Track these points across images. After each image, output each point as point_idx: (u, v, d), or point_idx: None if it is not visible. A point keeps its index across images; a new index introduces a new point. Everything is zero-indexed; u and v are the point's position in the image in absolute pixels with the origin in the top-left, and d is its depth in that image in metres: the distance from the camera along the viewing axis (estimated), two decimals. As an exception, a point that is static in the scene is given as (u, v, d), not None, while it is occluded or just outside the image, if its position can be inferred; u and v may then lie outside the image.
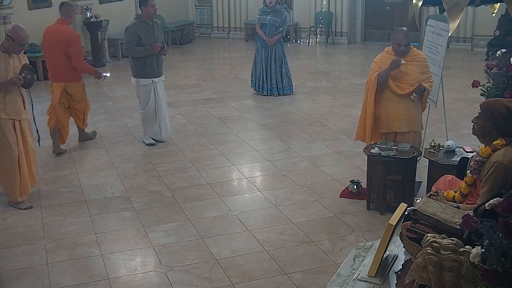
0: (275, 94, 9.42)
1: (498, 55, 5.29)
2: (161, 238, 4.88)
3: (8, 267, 4.46)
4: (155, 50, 6.81)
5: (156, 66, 6.97)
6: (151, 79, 6.96)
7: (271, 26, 9.22)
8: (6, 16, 10.35)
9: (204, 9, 16.22)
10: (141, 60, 6.87)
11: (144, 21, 6.87)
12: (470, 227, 2.65)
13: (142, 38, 6.78)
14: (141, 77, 6.94)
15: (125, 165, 6.56)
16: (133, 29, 6.82)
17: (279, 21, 9.20)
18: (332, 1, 14.47)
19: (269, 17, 9.22)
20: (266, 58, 9.35)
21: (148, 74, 6.93)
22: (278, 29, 9.24)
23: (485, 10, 6.89)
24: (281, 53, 9.40)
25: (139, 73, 6.94)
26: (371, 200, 5.34)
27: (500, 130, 3.38)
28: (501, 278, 2.23)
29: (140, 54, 6.84)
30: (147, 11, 6.84)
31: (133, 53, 6.87)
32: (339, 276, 3.37)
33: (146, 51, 6.81)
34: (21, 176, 5.47)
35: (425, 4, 3.66)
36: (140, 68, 6.92)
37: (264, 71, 9.40)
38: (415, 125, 5.50)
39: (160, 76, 7.06)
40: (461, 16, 2.91)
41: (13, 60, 5.32)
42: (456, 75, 10.84)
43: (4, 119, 5.30)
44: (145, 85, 6.96)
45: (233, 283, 4.21)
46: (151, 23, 6.91)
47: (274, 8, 9.25)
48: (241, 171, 6.34)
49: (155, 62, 6.94)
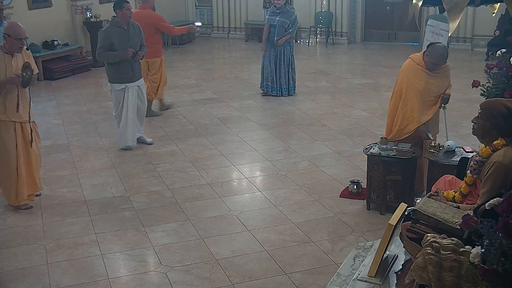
0: (285, 94, 9.39)
1: (498, 55, 5.29)
2: (161, 238, 4.88)
3: (8, 267, 4.46)
4: (127, 55, 6.62)
5: (131, 71, 6.78)
6: (124, 84, 6.79)
7: (279, 27, 9.12)
8: (6, 16, 10.33)
9: (204, 9, 16.22)
10: (114, 65, 6.72)
11: (119, 25, 6.72)
12: (470, 227, 2.65)
13: (115, 43, 6.62)
14: (115, 82, 6.80)
15: (125, 165, 6.56)
16: (105, 34, 6.68)
17: (287, 22, 9.12)
18: (332, 1, 14.47)
19: (278, 18, 9.12)
20: (275, 58, 9.28)
21: (122, 79, 6.76)
22: (287, 30, 9.15)
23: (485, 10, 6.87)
24: (290, 54, 9.35)
25: (112, 78, 6.81)
26: (371, 200, 5.34)
27: (500, 130, 3.38)
28: (501, 278, 2.23)
29: (111, 59, 6.68)
30: (122, 15, 6.68)
31: (105, 58, 6.73)
32: (339, 276, 3.37)
33: (118, 56, 6.64)
34: (18, 180, 5.35)
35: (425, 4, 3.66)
36: (113, 73, 6.78)
37: (274, 71, 9.34)
38: (438, 129, 5.56)
39: (135, 81, 6.87)
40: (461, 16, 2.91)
41: (16, 62, 5.23)
42: (456, 75, 10.80)
43: (4, 121, 5.24)
44: (118, 90, 6.83)
45: (233, 283, 4.21)
46: (126, 27, 6.73)
47: (283, 9, 9.15)
48: (241, 171, 6.34)
49: (129, 67, 6.75)
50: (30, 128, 5.45)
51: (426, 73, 5.25)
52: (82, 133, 7.79)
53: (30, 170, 5.50)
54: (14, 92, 5.25)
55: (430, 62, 5.19)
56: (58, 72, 11.05)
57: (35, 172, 5.56)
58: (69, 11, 12.06)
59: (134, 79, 6.86)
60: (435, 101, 5.33)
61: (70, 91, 10.17)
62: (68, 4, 12.01)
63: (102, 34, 6.74)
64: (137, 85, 6.94)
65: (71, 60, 11.55)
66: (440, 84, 5.31)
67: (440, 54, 5.17)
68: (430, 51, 5.20)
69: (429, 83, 5.24)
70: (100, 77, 11.27)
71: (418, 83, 5.23)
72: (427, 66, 5.22)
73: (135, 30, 6.85)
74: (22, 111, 5.33)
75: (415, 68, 5.29)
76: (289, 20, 9.13)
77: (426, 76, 5.25)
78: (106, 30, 6.77)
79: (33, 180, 5.55)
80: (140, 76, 7.00)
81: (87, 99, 9.55)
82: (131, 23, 6.81)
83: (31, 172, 5.51)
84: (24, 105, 5.35)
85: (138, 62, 6.92)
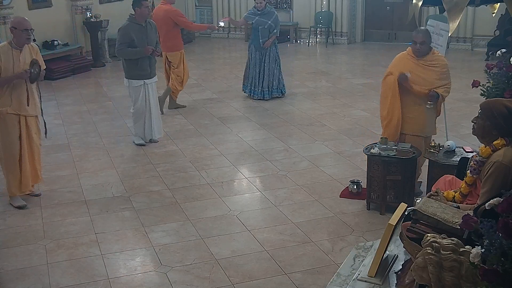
0: (266, 97, 9.16)
1: (498, 55, 5.28)
2: (161, 238, 4.88)
3: (8, 267, 4.46)
4: (147, 52, 6.78)
5: (149, 68, 6.95)
6: (142, 81, 6.93)
7: (262, 29, 8.98)
8: (6, 16, 10.35)
9: (204, 9, 16.22)
10: (133, 61, 6.85)
11: (137, 22, 6.83)
12: (470, 227, 2.65)
13: (135, 40, 6.75)
14: (133, 78, 6.92)
15: (125, 165, 6.57)
16: (125, 31, 6.79)
17: (269, 22, 8.97)
18: (332, 1, 14.47)
19: (257, 17, 9.00)
20: (260, 61, 9.15)
21: (140, 76, 6.91)
22: (272, 31, 9.03)
23: (485, 10, 6.89)
24: (275, 55, 9.20)
25: (131, 74, 6.92)
26: (371, 200, 5.34)
27: (500, 130, 3.38)
28: (501, 278, 2.23)
29: (132, 56, 6.81)
30: (141, 12, 6.80)
31: (125, 54, 6.84)
32: (339, 276, 3.37)
33: (138, 53, 6.77)
34: (22, 171, 5.49)
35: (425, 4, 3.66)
36: (132, 69, 6.89)
37: (257, 74, 9.19)
38: (426, 130, 5.39)
39: (152, 77, 7.04)
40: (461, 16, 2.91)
41: (24, 57, 5.31)
42: (456, 75, 10.82)
43: (10, 113, 5.33)
44: (137, 87, 6.95)
45: (233, 283, 4.21)
46: (144, 24, 6.86)
47: (264, 10, 9.02)
48: (241, 171, 6.34)
49: (147, 64, 6.91)
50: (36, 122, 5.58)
51: (414, 63, 5.26)
52: (82, 133, 7.78)
53: (32, 162, 5.61)
54: (23, 87, 5.38)
55: (412, 44, 5.25)
56: (58, 72, 11.04)
57: (37, 164, 5.67)
58: (69, 11, 12.06)
59: (152, 75, 7.05)
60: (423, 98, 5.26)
61: (70, 91, 10.17)
62: (68, 4, 12.01)
63: (121, 31, 6.83)
64: (154, 81, 7.13)
65: (71, 60, 11.55)
66: (430, 76, 5.21)
67: (418, 32, 5.18)
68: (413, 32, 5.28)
69: (415, 74, 5.22)
70: (100, 77, 11.28)
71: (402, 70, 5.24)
72: (412, 48, 5.27)
73: (152, 28, 7.00)
74: (31, 107, 5.46)
75: (405, 56, 5.36)
76: (270, 20, 8.97)
77: (414, 66, 5.25)
78: (125, 27, 6.85)
79: (35, 171, 5.66)
80: (155, 73, 7.15)
81: (87, 99, 9.55)
82: (148, 21, 6.95)
83: (33, 163, 5.61)
84: (33, 101, 5.48)
85: (155, 59, 7.06)
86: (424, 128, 5.38)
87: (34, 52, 5.47)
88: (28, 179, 5.55)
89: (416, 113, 5.33)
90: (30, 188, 5.64)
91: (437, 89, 5.21)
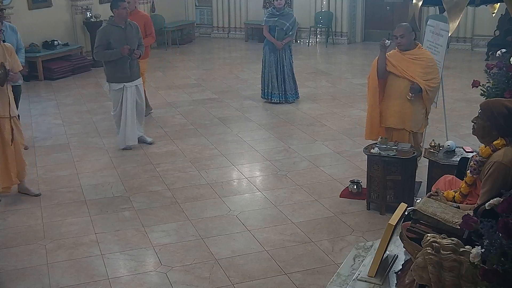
0: (290, 100, 8.98)
1: (498, 55, 5.27)
2: (161, 238, 4.88)
3: (8, 267, 4.46)
4: (124, 52, 6.61)
5: (129, 70, 6.78)
6: (122, 84, 6.79)
7: (279, 30, 8.82)
8: (6, 16, 10.32)
9: (204, 9, 16.22)
10: (112, 64, 6.73)
11: (115, 24, 6.72)
12: (470, 227, 2.65)
13: (112, 42, 6.63)
14: (112, 81, 6.82)
15: (125, 165, 6.56)
16: (102, 33, 6.70)
17: (287, 24, 8.81)
18: (332, 1, 14.47)
19: (277, 19, 8.83)
20: (275, 63, 8.92)
21: (120, 78, 6.77)
22: (288, 32, 8.85)
23: (485, 10, 6.90)
24: (290, 58, 9.03)
25: (110, 77, 6.83)
26: (371, 200, 5.34)
27: (500, 130, 3.38)
28: (501, 278, 2.23)
29: (109, 57, 6.69)
30: (118, 13, 6.67)
31: (102, 57, 6.73)
32: (339, 276, 3.37)
33: (115, 54, 6.64)
34: None
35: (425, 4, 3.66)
36: (111, 72, 6.79)
37: (275, 77, 8.91)
38: (411, 124, 5.36)
39: (133, 80, 6.86)
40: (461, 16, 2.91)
41: None
42: (456, 75, 10.84)
43: None
44: (117, 90, 6.84)
45: (233, 283, 4.21)
46: (123, 26, 6.73)
47: (283, 11, 8.88)
48: (241, 171, 6.35)
49: (127, 66, 6.75)
50: (11, 125, 5.45)
51: (400, 57, 5.37)
52: (82, 133, 7.78)
53: (6, 164, 5.49)
54: None
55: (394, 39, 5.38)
56: (58, 72, 11.05)
57: (11, 166, 5.53)
58: (69, 11, 12.06)
59: (132, 78, 6.85)
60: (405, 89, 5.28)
61: (70, 91, 10.17)
62: (68, 4, 12.01)
63: (99, 33, 6.76)
64: (135, 85, 6.92)
65: (71, 60, 11.55)
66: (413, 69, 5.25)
67: (398, 26, 5.35)
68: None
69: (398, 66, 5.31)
70: (100, 77, 11.27)
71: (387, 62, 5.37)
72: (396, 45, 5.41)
73: (133, 29, 6.83)
74: (1, 108, 5.35)
75: (393, 52, 5.46)
76: (288, 22, 8.83)
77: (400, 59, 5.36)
78: (103, 29, 6.79)
79: (8, 173, 5.53)
80: (138, 76, 6.98)
81: (87, 99, 9.55)
82: (128, 22, 6.81)
83: (6, 165, 5.50)
84: (3, 102, 5.36)
85: (136, 61, 6.90)
86: (408, 122, 5.37)
87: (8, 52, 5.37)
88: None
89: (399, 107, 5.35)
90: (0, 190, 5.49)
91: (419, 82, 5.23)
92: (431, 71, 5.30)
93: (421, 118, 5.44)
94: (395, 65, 5.32)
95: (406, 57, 5.32)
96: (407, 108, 5.33)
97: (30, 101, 9.43)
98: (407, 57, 5.32)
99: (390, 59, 5.37)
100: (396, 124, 5.40)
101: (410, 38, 5.30)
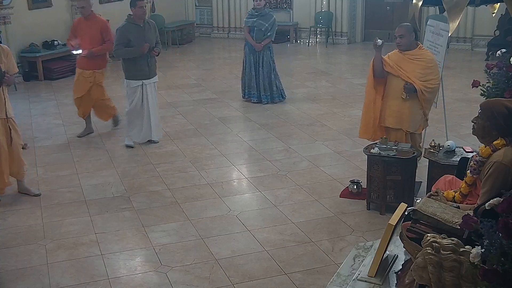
0: (264, 102, 8.95)
1: (498, 55, 5.27)
2: (161, 238, 4.88)
3: (8, 267, 4.46)
4: (143, 50, 6.76)
5: (147, 67, 6.92)
6: (141, 81, 6.92)
7: (258, 31, 8.81)
8: (6, 16, 10.35)
9: (204, 9, 16.22)
10: (131, 61, 6.85)
11: (134, 22, 6.81)
12: (470, 227, 2.65)
13: (132, 40, 6.74)
14: (131, 78, 6.92)
15: (125, 165, 6.57)
16: (122, 31, 6.79)
17: (265, 25, 8.77)
18: (332, 1, 14.47)
19: (255, 19, 8.82)
20: (254, 64, 8.95)
21: (138, 76, 6.90)
22: (266, 33, 8.82)
23: (485, 10, 6.89)
24: (270, 59, 8.95)
25: (129, 74, 6.92)
26: (371, 200, 5.34)
27: (500, 130, 3.38)
28: (501, 278, 2.23)
29: (128, 55, 6.81)
30: (135, 12, 6.77)
31: (122, 54, 6.85)
32: (339, 276, 3.37)
33: (134, 52, 6.76)
34: None
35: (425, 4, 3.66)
36: (130, 69, 6.89)
37: (254, 77, 8.96)
38: (408, 125, 5.35)
39: (151, 77, 7.02)
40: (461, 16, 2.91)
41: None
42: (456, 75, 10.84)
43: None
44: (134, 87, 6.93)
45: (233, 283, 4.21)
46: (142, 24, 6.84)
47: (262, 12, 8.84)
48: (241, 171, 6.34)
49: (145, 64, 6.89)
50: (9, 126, 5.45)
51: (400, 57, 5.37)
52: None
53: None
54: None
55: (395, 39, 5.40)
56: (58, 72, 11.05)
57: (3, 167, 5.48)
58: (69, 11, 12.06)
59: (151, 76, 7.03)
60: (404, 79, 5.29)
61: (70, 91, 10.03)
62: (68, 4, 12.01)
63: (118, 31, 6.85)
64: (154, 82, 7.10)
65: (71, 60, 11.47)
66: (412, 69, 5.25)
67: (398, 26, 5.36)
68: None
69: (398, 66, 5.30)
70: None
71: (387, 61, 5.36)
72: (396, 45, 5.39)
73: (151, 27, 6.97)
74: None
75: (394, 52, 5.46)
76: (267, 23, 8.78)
77: (400, 59, 5.35)
78: (122, 28, 6.85)
79: (1, 175, 5.48)
80: (155, 73, 7.13)
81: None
82: (146, 21, 6.93)
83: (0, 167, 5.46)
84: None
85: (154, 59, 7.04)
86: (405, 122, 5.36)
87: (4, 54, 5.36)
88: None
89: (397, 107, 5.35)
90: None
91: (415, 82, 5.21)
92: (430, 72, 5.28)
93: (419, 119, 5.42)
94: (392, 65, 5.32)
95: (406, 57, 5.32)
96: (405, 108, 5.33)
97: (30, 101, 9.44)
98: (407, 57, 5.31)
99: (388, 59, 5.38)
100: (394, 124, 5.41)
101: (410, 39, 5.29)
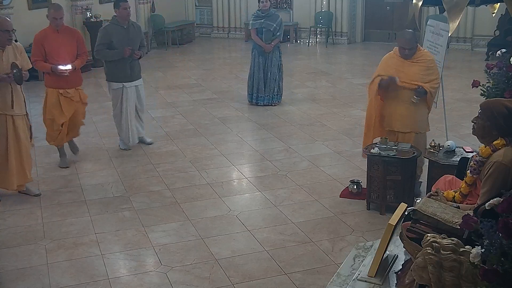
0: (273, 103, 8.90)
1: (498, 55, 5.27)
2: (161, 238, 4.88)
3: (8, 267, 4.46)
4: (125, 53, 6.61)
5: (129, 70, 6.77)
6: (121, 84, 6.79)
7: (266, 31, 8.73)
8: (6, 16, 10.34)
9: (204, 9, 16.22)
10: (112, 63, 6.74)
11: (118, 23, 6.71)
12: (470, 227, 2.65)
13: (114, 41, 6.63)
14: (111, 80, 6.82)
15: (125, 165, 6.56)
16: (104, 31, 6.71)
17: (274, 25, 8.71)
18: (332, 1, 14.48)
19: (263, 21, 8.74)
20: (264, 66, 8.85)
21: (119, 78, 6.76)
22: (275, 33, 8.76)
23: (485, 10, 6.88)
24: (278, 60, 8.92)
25: (110, 76, 6.84)
26: (371, 200, 5.34)
27: (500, 130, 3.38)
28: (501, 278, 2.23)
29: (109, 57, 6.70)
30: (119, 14, 6.66)
31: (103, 56, 6.75)
32: (339, 276, 3.37)
33: (116, 54, 6.64)
34: (9, 169, 5.48)
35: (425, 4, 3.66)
36: (111, 71, 6.80)
37: (263, 80, 8.84)
38: (418, 126, 5.38)
39: (133, 80, 6.85)
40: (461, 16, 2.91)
41: (7, 57, 5.32)
42: (456, 75, 10.84)
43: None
44: (116, 89, 6.84)
45: (233, 283, 4.21)
46: (126, 26, 6.71)
47: (268, 12, 8.79)
48: (241, 171, 6.34)
49: (127, 66, 6.74)
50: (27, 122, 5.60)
51: (399, 60, 5.32)
52: (82, 133, 7.73)
53: (20, 161, 5.58)
54: (8, 88, 5.38)
55: (399, 47, 5.31)
56: (58, 72, 11.02)
57: (25, 164, 5.63)
58: (69, 11, 12.05)
59: (132, 78, 6.86)
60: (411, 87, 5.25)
61: (70, 91, 10.14)
62: (68, 4, 12.01)
63: (101, 31, 6.78)
64: (135, 85, 6.93)
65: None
66: (414, 72, 5.24)
67: (406, 39, 5.23)
68: (398, 36, 5.38)
69: (400, 70, 5.27)
70: (100, 77, 11.26)
71: (388, 70, 5.32)
72: (399, 52, 5.32)
73: (135, 29, 6.84)
74: (16, 107, 5.47)
75: (390, 56, 5.43)
76: (275, 23, 8.72)
77: (398, 63, 5.32)
78: (105, 28, 6.81)
79: (23, 170, 5.62)
80: (139, 76, 6.97)
81: (87, 99, 9.51)
82: (131, 23, 6.82)
83: (22, 163, 5.59)
84: (19, 101, 5.49)
85: (138, 62, 6.91)
86: (415, 124, 5.38)
87: (18, 51, 5.47)
88: (12, 177, 5.52)
89: (404, 110, 5.33)
90: (13, 187, 5.59)
91: (424, 85, 5.22)
92: (431, 72, 5.30)
93: (427, 119, 5.49)
94: (395, 75, 5.27)
95: (407, 61, 5.29)
96: (414, 111, 5.32)
97: (30, 101, 9.41)
98: (408, 61, 5.29)
99: (390, 68, 5.31)
100: (403, 128, 5.38)
101: (416, 47, 5.29)
